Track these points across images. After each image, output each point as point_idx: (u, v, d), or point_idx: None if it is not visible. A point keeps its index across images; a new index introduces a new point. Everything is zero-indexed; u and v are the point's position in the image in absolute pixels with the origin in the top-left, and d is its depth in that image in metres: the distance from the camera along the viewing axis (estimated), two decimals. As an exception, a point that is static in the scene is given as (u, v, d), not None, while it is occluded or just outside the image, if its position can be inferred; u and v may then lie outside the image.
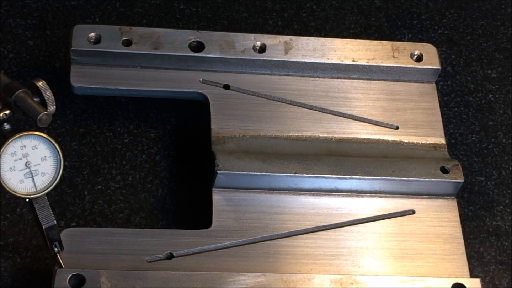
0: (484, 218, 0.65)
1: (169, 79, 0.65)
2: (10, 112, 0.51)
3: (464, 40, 0.75)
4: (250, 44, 0.66)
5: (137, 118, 0.67)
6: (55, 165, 0.52)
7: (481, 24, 0.77)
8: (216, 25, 0.74)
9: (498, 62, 0.74)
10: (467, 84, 0.73)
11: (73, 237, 0.57)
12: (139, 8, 0.74)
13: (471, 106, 0.71)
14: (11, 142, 0.50)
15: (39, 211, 0.53)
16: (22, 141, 0.51)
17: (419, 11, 0.77)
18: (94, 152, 0.65)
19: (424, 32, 0.76)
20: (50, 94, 0.52)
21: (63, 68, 0.68)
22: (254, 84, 0.65)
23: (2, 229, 0.61)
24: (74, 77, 0.63)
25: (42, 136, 0.51)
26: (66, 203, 0.62)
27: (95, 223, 0.62)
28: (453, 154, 0.67)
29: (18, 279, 0.59)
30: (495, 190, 0.67)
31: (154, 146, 0.66)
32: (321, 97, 0.66)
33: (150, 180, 0.64)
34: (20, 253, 0.60)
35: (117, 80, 0.64)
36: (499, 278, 0.62)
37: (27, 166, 0.51)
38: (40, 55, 0.70)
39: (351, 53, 0.67)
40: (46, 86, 0.52)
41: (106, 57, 0.64)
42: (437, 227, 0.61)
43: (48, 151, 0.52)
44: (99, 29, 0.64)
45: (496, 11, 0.78)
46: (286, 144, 0.63)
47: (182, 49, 0.65)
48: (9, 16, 0.71)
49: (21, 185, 0.51)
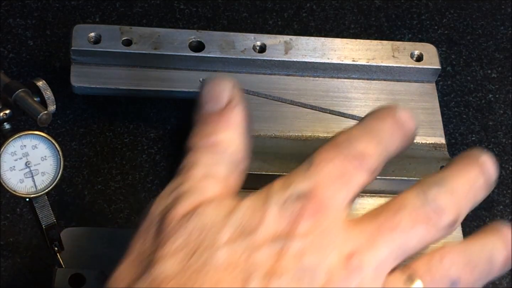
0: (484, 218, 0.65)
1: (169, 79, 0.65)
2: (10, 111, 0.51)
3: (464, 40, 0.76)
4: (250, 44, 0.66)
5: (137, 118, 0.67)
6: (55, 165, 0.52)
7: (481, 24, 0.77)
8: (216, 25, 0.74)
9: (498, 62, 0.74)
10: (467, 84, 0.73)
11: (73, 237, 0.57)
12: (139, 8, 0.74)
13: (471, 106, 0.71)
14: (11, 142, 0.50)
15: (39, 210, 0.53)
16: (22, 141, 0.51)
17: (419, 11, 0.77)
18: (94, 152, 0.65)
19: (424, 32, 0.76)
20: (50, 93, 0.52)
21: (63, 68, 0.68)
22: (254, 84, 0.65)
23: (2, 229, 0.61)
24: (74, 77, 0.63)
25: (42, 136, 0.51)
26: (66, 203, 0.62)
27: (95, 223, 0.62)
28: (453, 154, 0.67)
29: (18, 279, 0.59)
30: (495, 190, 0.67)
31: (154, 146, 0.66)
32: (321, 97, 0.66)
33: (150, 180, 0.64)
34: (20, 253, 0.60)
35: (117, 80, 0.64)
36: (499, 278, 0.62)
37: (27, 165, 0.51)
38: (40, 55, 0.70)
39: (351, 53, 0.67)
40: (46, 86, 0.52)
41: (106, 57, 0.64)
42: (437, 227, 0.61)
43: (48, 151, 0.52)
44: (99, 29, 0.65)
45: (496, 11, 0.78)
46: (286, 144, 0.63)
47: (182, 49, 0.65)
48: (9, 16, 0.71)
49: (21, 184, 0.51)
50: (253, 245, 0.38)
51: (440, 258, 0.40)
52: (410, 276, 0.40)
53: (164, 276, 0.38)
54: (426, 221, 0.40)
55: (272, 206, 0.40)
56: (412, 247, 0.40)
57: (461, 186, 0.42)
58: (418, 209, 0.40)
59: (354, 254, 0.39)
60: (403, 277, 0.40)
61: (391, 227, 0.40)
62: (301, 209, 0.39)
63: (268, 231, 0.39)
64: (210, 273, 0.37)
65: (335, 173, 0.40)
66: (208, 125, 0.44)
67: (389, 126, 0.43)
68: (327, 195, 0.40)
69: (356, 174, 0.41)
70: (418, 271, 0.40)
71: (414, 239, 0.40)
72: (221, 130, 0.43)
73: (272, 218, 0.39)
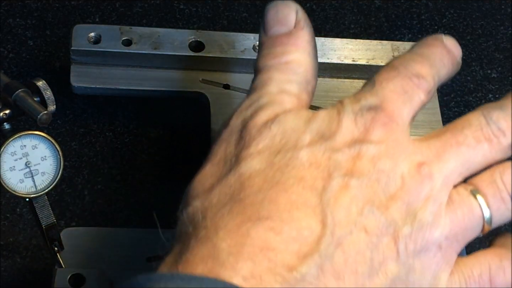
0: (484, 218, 0.65)
1: (169, 79, 0.65)
2: (10, 111, 0.51)
3: (464, 40, 0.75)
4: (250, 44, 0.66)
5: (137, 118, 0.67)
6: (55, 165, 0.52)
7: (481, 24, 0.77)
8: (216, 25, 0.74)
9: (498, 62, 0.74)
10: (467, 84, 0.73)
11: (73, 237, 0.57)
12: (139, 8, 0.74)
13: (471, 106, 0.71)
14: (11, 142, 0.50)
15: (39, 210, 0.53)
16: (22, 141, 0.51)
17: (419, 11, 0.77)
18: (94, 152, 0.65)
19: (424, 32, 0.76)
20: (50, 93, 0.52)
21: (63, 68, 0.68)
22: (254, 84, 0.65)
23: (2, 229, 0.61)
24: (74, 77, 0.63)
25: (42, 136, 0.51)
26: (66, 203, 0.62)
27: (95, 223, 0.62)
28: (453, 154, 0.67)
29: (18, 279, 0.59)
30: (495, 190, 0.67)
31: (154, 146, 0.66)
32: (321, 97, 0.66)
33: (150, 180, 0.64)
34: (20, 253, 0.60)
35: (117, 80, 0.64)
36: (499, 278, 0.62)
37: (27, 165, 0.51)
38: (40, 55, 0.70)
39: (351, 53, 0.67)
40: (46, 86, 0.52)
41: (106, 57, 0.64)
42: (437, 227, 0.61)
43: (48, 151, 0.52)
44: (99, 29, 0.64)
45: (496, 11, 0.78)
46: (286, 144, 0.63)
47: (182, 49, 0.65)
48: (9, 16, 0.71)
49: (21, 184, 0.51)
50: (332, 147, 0.41)
51: (501, 174, 0.43)
52: (473, 190, 0.42)
53: (251, 171, 0.40)
54: (490, 139, 0.43)
55: (347, 115, 0.42)
56: (477, 162, 0.43)
57: None
58: (482, 128, 0.43)
59: (424, 163, 0.41)
60: (467, 191, 0.42)
61: (458, 142, 0.43)
62: (373, 119, 0.42)
63: (345, 136, 0.42)
64: (295, 170, 0.40)
65: (398, 89, 0.43)
66: (278, 47, 0.46)
67: (439, 51, 0.46)
68: (394, 108, 0.43)
69: (416, 91, 0.44)
70: (480, 186, 0.43)
71: (478, 155, 0.43)
72: (291, 51, 0.46)
73: (348, 125, 0.42)
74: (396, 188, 0.41)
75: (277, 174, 0.40)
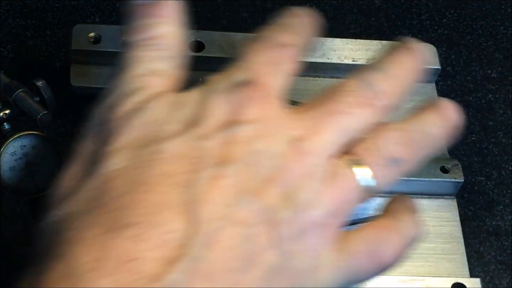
0: (484, 218, 0.65)
1: (169, 79, 0.65)
2: (10, 111, 0.51)
3: (464, 40, 0.75)
4: (250, 44, 0.66)
5: (137, 118, 0.67)
6: (55, 165, 0.52)
7: (481, 24, 0.77)
8: (216, 25, 0.74)
9: (498, 62, 0.74)
10: (467, 84, 0.73)
11: (73, 237, 0.57)
12: (139, 8, 0.74)
13: (471, 106, 0.71)
14: (11, 142, 0.50)
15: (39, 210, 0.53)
16: (22, 141, 0.51)
17: (419, 11, 0.77)
18: (94, 152, 0.65)
19: (424, 32, 0.76)
20: (50, 93, 0.52)
21: (63, 68, 0.67)
22: (254, 84, 0.65)
23: (2, 229, 0.61)
24: (74, 77, 0.63)
25: (42, 136, 0.51)
26: (66, 203, 0.62)
27: (95, 223, 0.62)
28: (453, 154, 0.67)
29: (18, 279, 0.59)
30: (495, 190, 0.67)
31: (154, 146, 0.66)
32: (321, 97, 0.66)
33: (150, 180, 0.64)
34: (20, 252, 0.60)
35: (117, 80, 0.64)
36: (499, 278, 0.62)
37: (27, 165, 0.51)
38: (40, 55, 0.70)
39: (351, 53, 0.67)
40: (46, 86, 0.52)
41: (106, 57, 0.64)
42: (437, 227, 0.61)
43: (48, 151, 0.52)
44: (99, 29, 0.64)
45: (496, 11, 0.78)
46: (286, 144, 0.63)
47: (182, 49, 0.65)
48: (9, 16, 0.71)
49: (21, 184, 0.51)
50: (201, 135, 0.38)
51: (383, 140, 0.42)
52: (353, 160, 0.40)
53: (112, 171, 0.37)
54: (372, 103, 0.42)
55: (216, 96, 0.40)
56: (359, 129, 0.41)
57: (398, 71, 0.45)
58: (360, 92, 0.42)
59: (303, 138, 0.39)
60: (345, 162, 0.40)
61: (338, 110, 0.41)
62: (244, 95, 0.39)
63: (215, 120, 0.38)
64: (159, 166, 0.37)
65: (266, 60, 0.42)
66: (142, 19, 0.43)
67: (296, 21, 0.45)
68: (266, 80, 0.41)
69: (284, 60, 0.42)
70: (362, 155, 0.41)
71: (360, 121, 0.41)
72: (157, 24, 0.42)
73: (218, 107, 0.39)
74: (273, 170, 0.38)
75: (139, 171, 0.36)
